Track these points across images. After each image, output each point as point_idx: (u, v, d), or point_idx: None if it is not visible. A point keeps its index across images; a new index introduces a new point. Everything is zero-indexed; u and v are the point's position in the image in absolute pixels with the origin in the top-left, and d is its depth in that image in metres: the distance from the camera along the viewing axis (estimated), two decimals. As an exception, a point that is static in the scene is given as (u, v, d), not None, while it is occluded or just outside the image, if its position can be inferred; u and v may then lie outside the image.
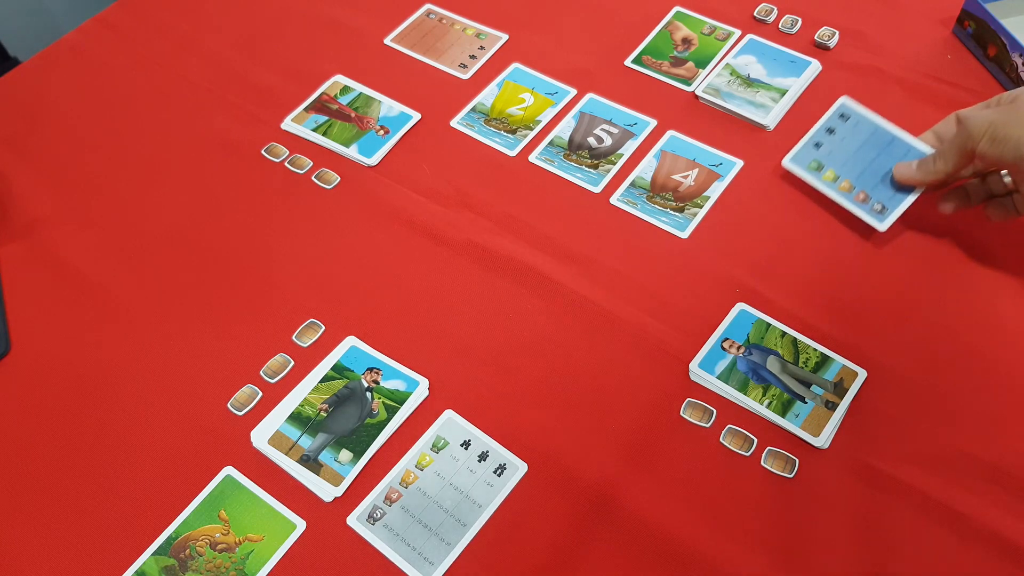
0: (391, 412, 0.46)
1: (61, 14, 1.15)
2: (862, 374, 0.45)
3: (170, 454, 0.46)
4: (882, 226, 0.49)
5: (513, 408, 0.46)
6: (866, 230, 0.52)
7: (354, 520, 0.42)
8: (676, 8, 0.66)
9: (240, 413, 0.47)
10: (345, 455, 0.44)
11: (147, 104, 0.64)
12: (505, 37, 0.66)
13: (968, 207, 0.49)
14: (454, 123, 0.60)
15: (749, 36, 0.63)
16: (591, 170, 0.56)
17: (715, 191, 0.55)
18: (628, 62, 0.63)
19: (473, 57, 0.65)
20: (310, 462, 0.44)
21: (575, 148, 0.58)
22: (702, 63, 0.62)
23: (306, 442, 0.45)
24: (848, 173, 0.51)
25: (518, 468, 0.44)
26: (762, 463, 0.43)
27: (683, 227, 0.53)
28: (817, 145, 0.52)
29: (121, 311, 0.52)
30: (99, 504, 0.44)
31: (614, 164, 0.57)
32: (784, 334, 0.47)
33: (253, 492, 0.44)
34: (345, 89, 0.63)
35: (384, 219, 0.55)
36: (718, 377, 0.46)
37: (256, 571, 0.41)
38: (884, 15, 0.64)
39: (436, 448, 0.45)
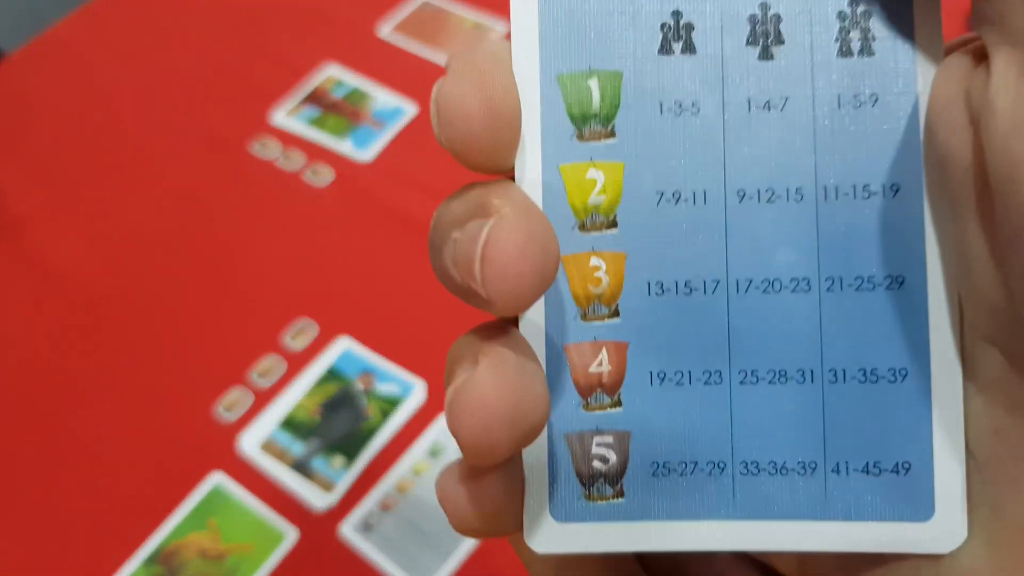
0: (386, 416, 0.45)
1: (47, 5, 1.14)
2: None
3: (157, 460, 0.45)
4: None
5: (513, 412, 0.45)
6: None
7: (347, 528, 0.41)
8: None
9: (230, 417, 0.46)
10: (338, 461, 0.43)
11: (134, 99, 0.63)
12: (505, 27, 0.65)
13: None
14: (451, 117, 0.59)
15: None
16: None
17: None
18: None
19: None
20: (302, 468, 0.43)
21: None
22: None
23: (298, 448, 0.44)
24: None
25: (518, 475, 0.43)
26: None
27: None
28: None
29: (107, 312, 0.51)
30: (86, 512, 0.43)
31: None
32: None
33: (243, 499, 0.43)
34: (339, 82, 0.62)
35: (379, 216, 0.54)
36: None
37: (246, 582, 0.40)
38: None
39: (433, 454, 0.44)
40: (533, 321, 0.13)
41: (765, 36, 0.13)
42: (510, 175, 0.13)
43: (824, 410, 0.12)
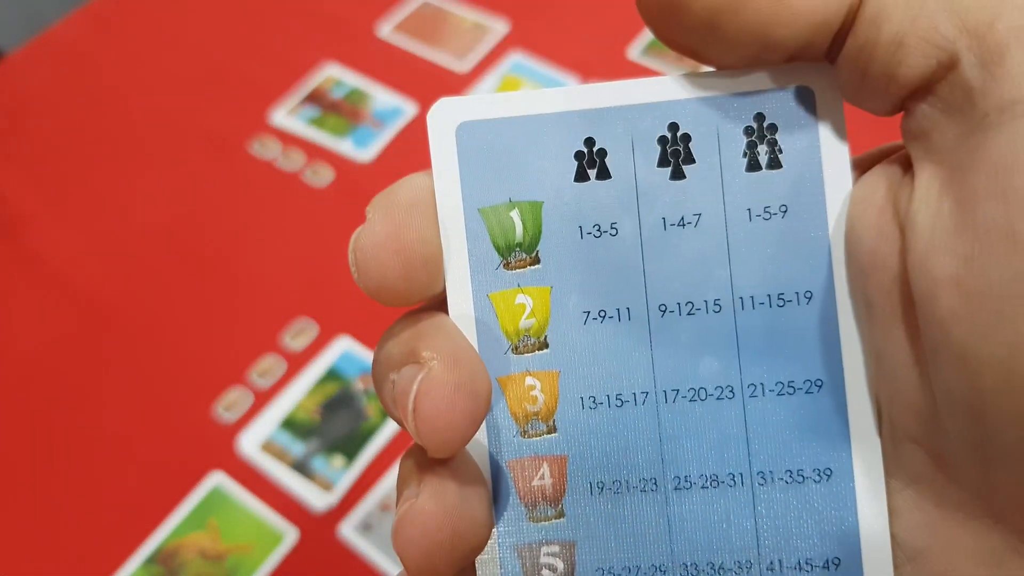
0: (386, 417, 0.45)
1: (47, 5, 1.13)
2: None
3: (156, 460, 0.44)
4: None
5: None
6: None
7: (347, 528, 0.41)
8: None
9: (229, 417, 0.45)
10: (338, 461, 0.43)
11: (134, 98, 0.63)
12: (506, 27, 0.64)
13: None
14: (451, 117, 0.59)
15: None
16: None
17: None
18: (634, 55, 0.62)
19: (472, 48, 0.63)
20: (302, 468, 0.43)
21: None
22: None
23: (298, 448, 0.44)
24: None
25: (517, 475, 0.42)
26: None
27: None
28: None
29: (107, 312, 0.51)
30: (85, 512, 0.43)
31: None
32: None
33: (243, 500, 0.43)
34: (338, 82, 0.62)
35: (379, 216, 0.54)
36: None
37: (245, 582, 0.40)
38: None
39: (432, 454, 0.43)
40: (476, 440, 0.13)
41: (676, 156, 0.13)
42: (437, 299, 0.14)
43: (755, 511, 0.13)
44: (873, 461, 0.13)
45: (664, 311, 0.13)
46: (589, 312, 0.13)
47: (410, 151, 0.57)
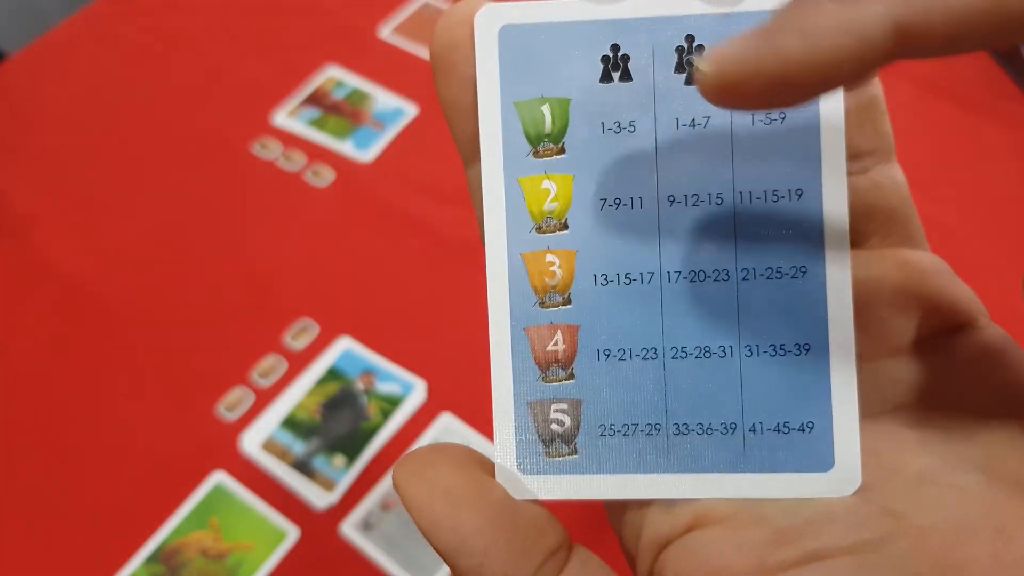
0: (387, 416, 0.45)
1: (49, 6, 1.14)
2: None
3: (158, 459, 0.44)
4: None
5: (512, 412, 0.45)
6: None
7: (348, 527, 0.41)
8: None
9: (231, 417, 0.46)
10: (339, 460, 0.43)
11: (136, 99, 0.63)
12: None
13: None
14: (452, 118, 0.59)
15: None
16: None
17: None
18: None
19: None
20: (303, 468, 0.43)
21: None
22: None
23: (299, 447, 0.44)
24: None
25: (518, 474, 0.42)
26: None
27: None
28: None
29: (108, 312, 0.51)
30: (87, 511, 0.43)
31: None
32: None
33: (244, 499, 0.43)
34: (339, 83, 0.62)
35: (379, 216, 0.54)
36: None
37: (247, 581, 0.40)
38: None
39: (433, 453, 0.44)
40: (499, 308, 0.15)
41: (690, 64, 0.14)
42: None
43: (742, 380, 0.15)
44: (847, 338, 0.14)
45: (672, 201, 0.14)
46: (605, 199, 0.15)
47: (411, 152, 0.57)
